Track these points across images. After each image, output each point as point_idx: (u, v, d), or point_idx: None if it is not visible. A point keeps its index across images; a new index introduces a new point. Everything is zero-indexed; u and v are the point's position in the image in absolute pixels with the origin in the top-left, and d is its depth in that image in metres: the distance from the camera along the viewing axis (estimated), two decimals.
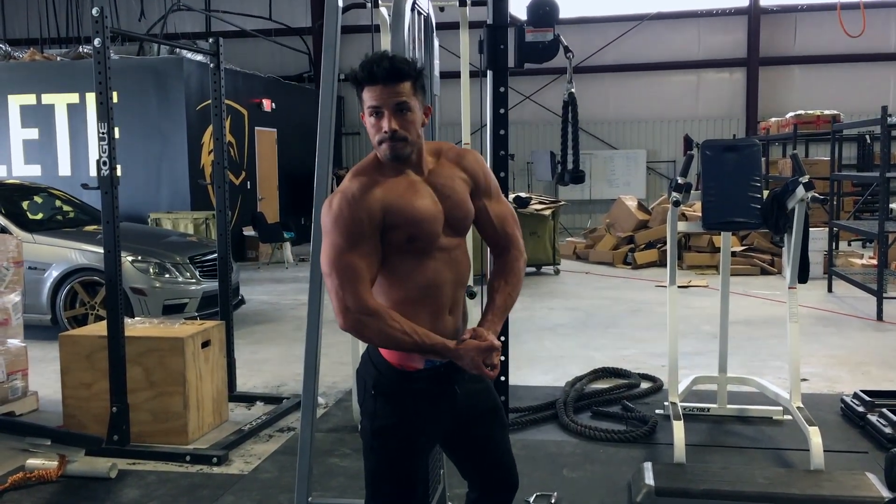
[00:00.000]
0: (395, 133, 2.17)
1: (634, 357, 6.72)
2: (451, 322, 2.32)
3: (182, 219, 11.41)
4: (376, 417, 2.33)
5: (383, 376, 2.32)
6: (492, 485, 2.53)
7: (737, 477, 4.01)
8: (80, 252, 7.36)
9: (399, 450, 2.33)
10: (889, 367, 6.37)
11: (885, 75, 17.19)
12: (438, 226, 2.25)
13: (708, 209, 4.65)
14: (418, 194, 2.25)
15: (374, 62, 2.16)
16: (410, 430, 2.32)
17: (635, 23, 17.76)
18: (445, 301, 2.30)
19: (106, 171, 4.48)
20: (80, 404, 4.80)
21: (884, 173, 8.60)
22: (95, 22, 4.39)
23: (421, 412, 2.32)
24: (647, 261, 12.23)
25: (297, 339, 7.33)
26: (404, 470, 2.34)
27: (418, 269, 2.26)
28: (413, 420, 2.32)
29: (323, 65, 2.90)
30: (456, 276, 2.32)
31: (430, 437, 2.41)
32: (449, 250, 2.30)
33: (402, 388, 2.31)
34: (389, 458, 2.33)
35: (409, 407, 2.31)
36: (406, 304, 2.25)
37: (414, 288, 2.26)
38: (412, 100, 2.20)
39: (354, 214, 2.18)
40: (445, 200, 2.28)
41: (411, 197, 2.23)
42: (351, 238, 2.18)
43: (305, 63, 19.05)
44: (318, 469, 4.28)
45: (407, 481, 2.36)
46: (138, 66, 12.43)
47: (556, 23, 3.12)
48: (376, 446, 2.33)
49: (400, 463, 2.34)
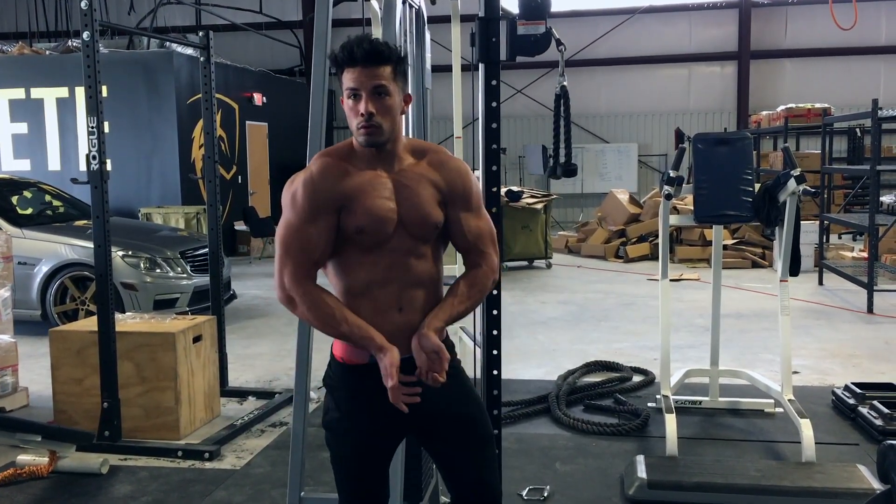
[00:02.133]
0: (372, 117, 2.12)
1: (627, 350, 6.73)
2: (401, 319, 2.22)
3: (173, 213, 11.36)
4: (327, 411, 2.33)
5: (331, 370, 2.32)
6: (463, 501, 2.37)
7: (729, 469, 4.02)
8: (70, 247, 7.32)
9: (345, 445, 2.30)
10: (880, 360, 6.40)
11: (875, 69, 17.24)
12: (390, 226, 2.19)
13: (700, 202, 4.65)
14: (376, 190, 2.19)
15: (354, 43, 2.12)
16: (354, 426, 2.27)
17: (627, 16, 17.76)
18: (391, 300, 2.21)
19: (95, 166, 4.45)
20: (70, 400, 4.78)
21: (874, 166, 8.63)
22: (84, 15, 4.35)
23: (366, 409, 2.26)
24: (639, 254, 12.24)
25: (289, 333, 7.31)
26: (354, 467, 2.30)
27: (365, 262, 2.21)
28: (357, 416, 2.27)
29: (314, 58, 2.88)
30: (409, 277, 2.23)
31: (384, 436, 2.31)
32: (402, 252, 2.21)
33: (347, 383, 2.28)
34: (339, 454, 2.32)
35: (353, 402, 2.28)
36: (349, 294, 2.23)
37: (357, 280, 2.22)
38: (391, 84, 2.15)
39: (309, 194, 2.18)
40: (403, 202, 2.21)
41: (369, 190, 2.19)
42: (301, 216, 2.18)
43: (296, 57, 18.99)
44: (310, 464, 4.27)
45: (359, 478, 2.32)
46: (128, 60, 12.35)
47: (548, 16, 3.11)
48: (328, 440, 2.34)
49: (349, 459, 2.30)
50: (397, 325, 2.21)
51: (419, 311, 2.23)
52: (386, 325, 2.19)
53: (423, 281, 2.25)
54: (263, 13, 18.13)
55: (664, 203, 4.71)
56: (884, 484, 1.73)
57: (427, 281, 2.26)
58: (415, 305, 2.23)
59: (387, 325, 2.20)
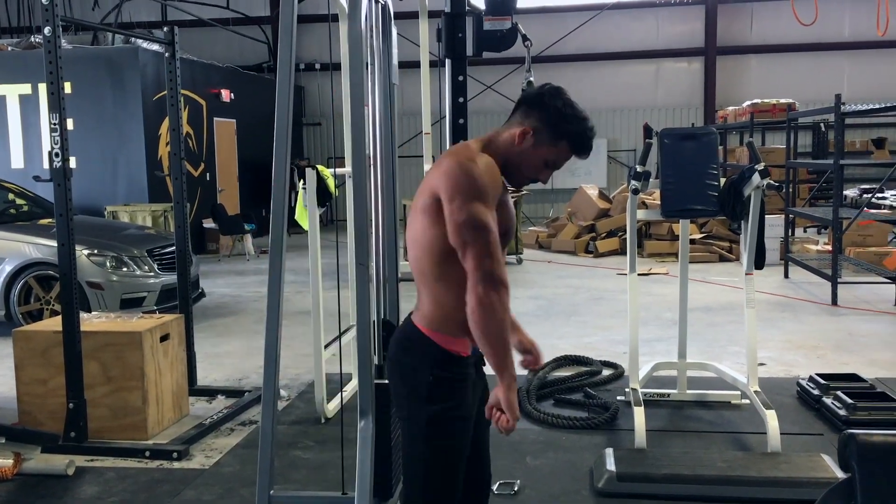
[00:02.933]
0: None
1: (596, 344, 6.78)
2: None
3: (140, 211, 11.23)
4: (434, 402, 2.29)
5: (441, 361, 2.30)
6: (470, 476, 2.49)
7: (696, 461, 4.07)
8: (35, 246, 7.21)
9: (463, 436, 2.34)
10: (843, 351, 6.51)
11: (839, 64, 17.50)
12: (513, 228, 2.40)
13: (666, 197, 4.70)
14: (507, 193, 2.40)
15: (592, 138, 2.33)
16: (468, 414, 2.34)
17: (595, 12, 17.84)
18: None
19: (58, 163, 4.39)
20: (35, 401, 4.71)
21: (837, 161, 8.76)
22: (45, 10, 4.28)
23: (471, 397, 2.37)
24: (609, 249, 12.33)
25: (258, 331, 7.26)
26: (461, 457, 2.35)
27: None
28: (469, 405, 2.35)
29: (279, 55, 2.86)
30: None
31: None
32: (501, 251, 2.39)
33: (459, 373, 2.32)
34: (451, 446, 2.32)
35: (466, 391, 2.34)
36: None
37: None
38: None
39: (490, 179, 2.22)
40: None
41: (507, 193, 2.38)
42: (485, 198, 2.18)
43: (265, 53, 18.84)
44: (280, 462, 4.25)
45: (460, 470, 2.36)
46: (92, 56, 12.18)
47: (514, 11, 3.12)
48: (434, 433, 2.30)
49: (462, 451, 2.34)
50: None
51: None
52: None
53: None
54: (231, 9, 17.95)
55: (631, 198, 4.75)
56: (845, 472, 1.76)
57: None
58: None
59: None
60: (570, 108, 2.27)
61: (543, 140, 2.26)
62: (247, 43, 18.71)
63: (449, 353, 2.31)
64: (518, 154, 2.27)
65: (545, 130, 2.26)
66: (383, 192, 3.13)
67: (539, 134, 2.26)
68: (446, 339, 2.30)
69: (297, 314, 8.02)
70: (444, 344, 2.30)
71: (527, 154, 2.27)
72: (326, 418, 4.94)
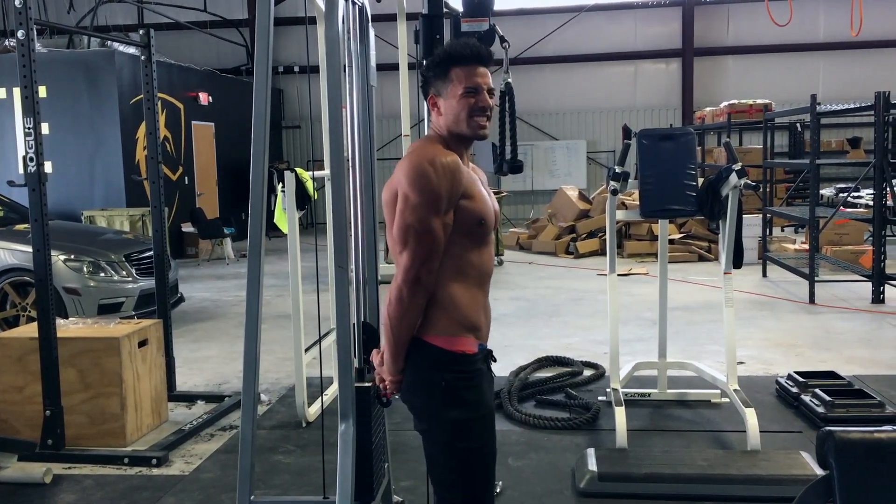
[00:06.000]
0: (489, 111, 2.32)
1: (577, 345, 6.80)
2: (489, 307, 2.44)
3: (117, 216, 11.13)
4: (452, 407, 2.29)
5: (448, 364, 2.30)
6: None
7: (677, 460, 4.09)
8: (10, 252, 7.11)
9: (487, 434, 2.33)
10: (821, 349, 6.57)
11: (814, 64, 17.68)
12: (493, 218, 2.36)
13: (645, 197, 4.72)
14: (478, 182, 2.36)
15: (470, 44, 2.31)
16: (487, 412, 2.35)
17: (574, 14, 17.93)
18: (487, 291, 2.42)
19: (33, 168, 4.34)
20: (11, 408, 4.65)
21: (814, 160, 8.85)
22: (19, 13, 4.23)
23: (488, 394, 2.38)
24: (589, 250, 12.38)
25: (239, 335, 7.22)
26: (490, 457, 2.35)
27: (481, 254, 2.34)
28: (487, 403, 2.36)
29: (256, 56, 2.84)
30: (491, 267, 2.44)
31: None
32: (489, 244, 2.40)
33: (469, 373, 2.32)
34: (473, 448, 2.31)
35: (481, 390, 2.34)
36: (464, 283, 2.31)
37: (476, 272, 2.33)
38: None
39: (450, 185, 2.23)
40: (489, 198, 2.39)
41: (476, 182, 2.35)
42: (437, 205, 2.21)
43: (243, 55, 18.76)
44: (261, 467, 4.23)
45: (491, 470, 2.36)
46: (68, 60, 12.06)
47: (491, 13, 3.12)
48: (458, 438, 2.29)
49: (486, 452, 2.33)
50: (489, 314, 2.43)
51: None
52: (487, 313, 2.40)
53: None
54: (208, 11, 17.87)
55: (610, 199, 4.76)
56: (824, 469, 1.77)
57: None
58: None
59: (487, 314, 2.40)
60: (432, 58, 2.39)
61: (441, 89, 2.34)
62: (225, 46, 18.62)
63: (454, 354, 2.30)
64: (446, 117, 2.34)
65: (435, 83, 2.36)
66: (362, 195, 3.12)
67: (436, 89, 2.35)
68: (448, 341, 2.30)
69: (278, 318, 7.98)
70: (447, 346, 2.30)
71: (448, 109, 2.33)
72: (307, 422, 4.91)
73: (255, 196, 2.92)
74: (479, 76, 2.30)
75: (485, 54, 2.33)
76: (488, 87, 2.34)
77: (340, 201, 2.83)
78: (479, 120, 2.31)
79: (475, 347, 2.34)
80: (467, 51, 2.31)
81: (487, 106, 2.32)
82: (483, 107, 2.31)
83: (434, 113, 2.37)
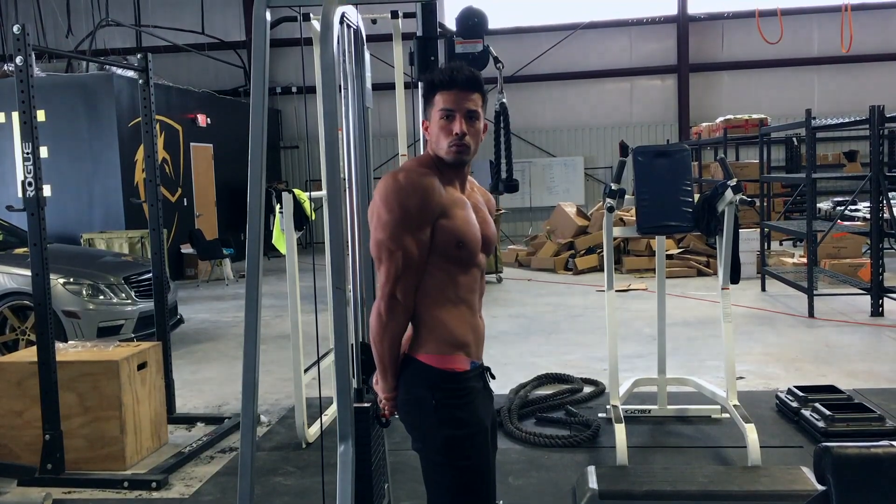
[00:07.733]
0: (464, 136, 2.30)
1: (577, 362, 6.79)
2: (480, 325, 2.46)
3: (116, 238, 11.14)
4: (443, 426, 2.29)
5: (439, 382, 2.31)
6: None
7: (678, 476, 4.07)
8: (9, 276, 7.12)
9: (482, 452, 2.33)
10: (821, 363, 6.56)
11: (809, 79, 17.78)
12: (479, 241, 2.36)
13: (642, 214, 4.73)
14: (466, 205, 2.36)
15: (454, 69, 2.33)
16: (480, 430, 2.34)
17: (569, 32, 18.03)
18: (476, 309, 2.43)
19: (32, 192, 4.35)
20: (11, 433, 4.64)
21: (810, 174, 8.88)
22: (17, 40, 4.27)
23: (481, 411, 2.37)
24: (588, 266, 12.39)
25: (238, 357, 7.21)
26: (485, 475, 2.33)
27: (469, 275, 2.36)
28: (480, 421, 2.35)
29: (252, 78, 2.87)
30: (481, 290, 2.46)
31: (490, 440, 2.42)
32: (480, 267, 2.41)
33: (461, 390, 2.32)
34: (467, 467, 2.30)
35: (473, 407, 2.33)
36: (454, 304, 2.34)
37: (463, 292, 2.36)
38: (480, 111, 2.36)
39: (420, 202, 2.25)
40: (481, 223, 2.40)
41: (462, 205, 2.35)
42: (406, 222, 2.24)
43: (241, 77, 18.86)
44: (261, 489, 4.21)
45: (489, 486, 2.34)
46: (67, 84, 12.12)
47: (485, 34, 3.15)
48: (452, 457, 2.30)
49: (480, 470, 2.32)
50: (480, 332, 2.44)
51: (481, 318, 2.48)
52: (477, 331, 2.41)
53: (483, 289, 2.50)
54: (206, 34, 17.97)
55: (607, 216, 4.78)
56: (822, 485, 1.77)
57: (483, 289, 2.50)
58: (479, 314, 2.48)
59: (477, 331, 2.42)
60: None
61: (428, 112, 2.39)
62: (223, 67, 18.72)
63: (445, 373, 2.31)
64: (430, 140, 2.37)
65: (425, 107, 2.41)
66: (359, 215, 3.13)
67: (426, 113, 2.41)
68: (439, 359, 2.31)
69: (277, 338, 7.97)
70: (438, 364, 2.31)
71: (431, 132, 2.37)
72: (307, 443, 4.90)
73: (254, 217, 2.94)
74: (457, 101, 2.31)
75: (461, 79, 2.31)
76: (467, 111, 2.32)
77: (337, 222, 2.84)
78: (453, 145, 2.31)
79: (466, 365, 2.34)
80: (446, 76, 2.33)
81: (461, 131, 2.30)
82: (457, 132, 2.30)
83: (426, 132, 2.41)
